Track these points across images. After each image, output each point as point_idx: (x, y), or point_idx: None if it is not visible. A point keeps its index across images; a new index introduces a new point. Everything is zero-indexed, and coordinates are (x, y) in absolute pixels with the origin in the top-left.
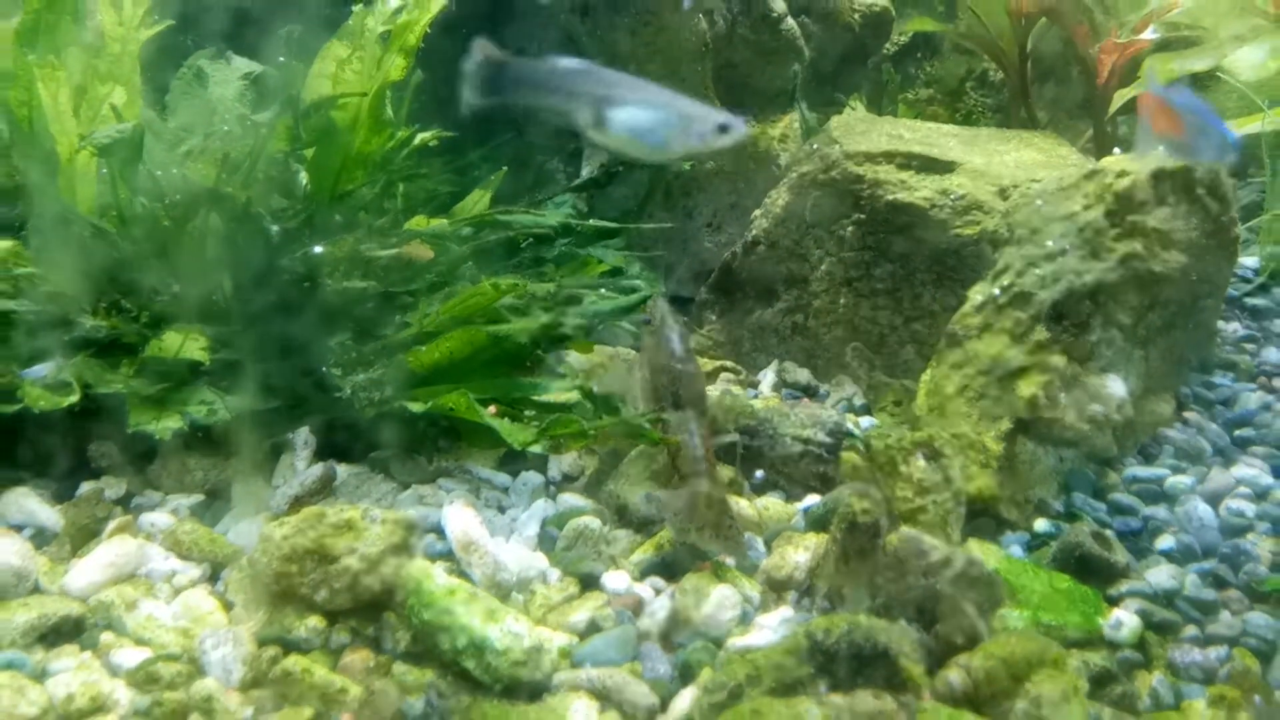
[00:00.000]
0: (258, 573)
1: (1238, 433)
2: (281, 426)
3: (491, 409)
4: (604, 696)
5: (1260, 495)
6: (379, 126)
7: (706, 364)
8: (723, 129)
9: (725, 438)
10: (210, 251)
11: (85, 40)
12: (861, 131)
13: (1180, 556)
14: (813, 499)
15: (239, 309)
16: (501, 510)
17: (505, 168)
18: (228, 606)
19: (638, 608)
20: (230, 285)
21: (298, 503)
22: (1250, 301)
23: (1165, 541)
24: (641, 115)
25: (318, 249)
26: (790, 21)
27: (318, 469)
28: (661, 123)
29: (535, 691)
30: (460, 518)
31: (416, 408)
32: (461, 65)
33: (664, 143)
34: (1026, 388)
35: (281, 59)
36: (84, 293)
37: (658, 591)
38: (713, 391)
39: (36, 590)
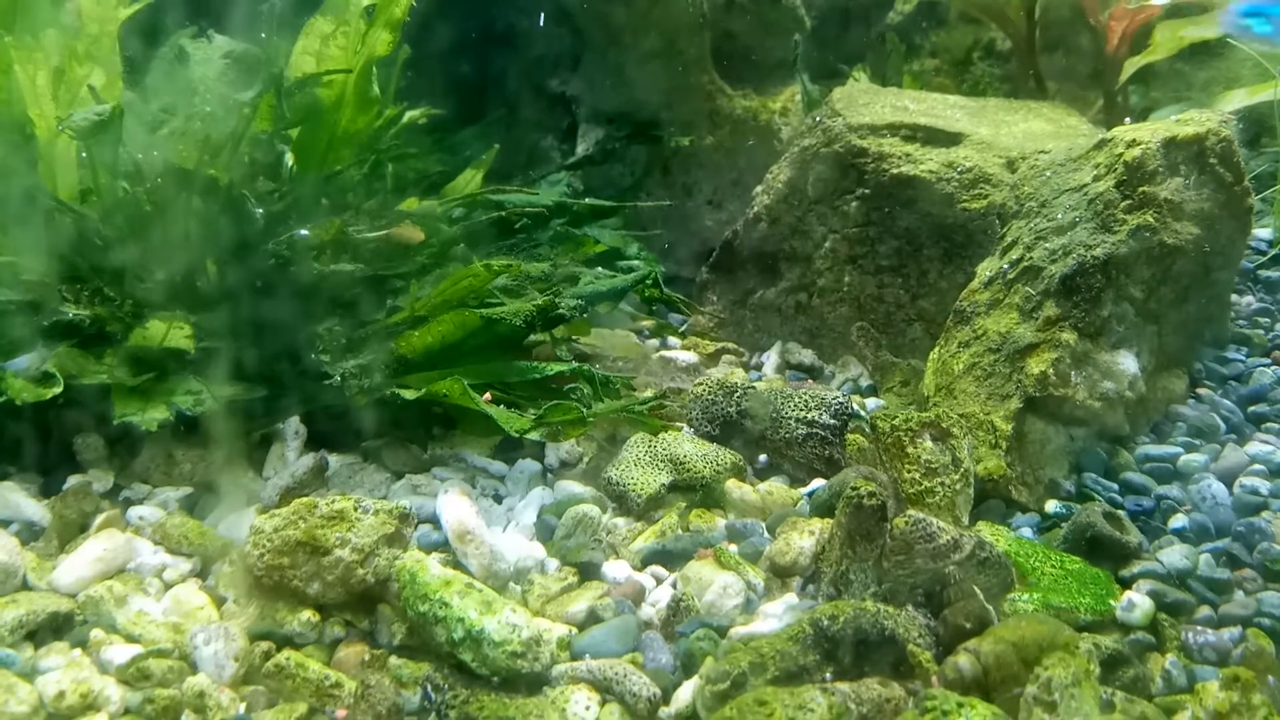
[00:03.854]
0: (249, 566)
1: (1252, 409)
2: (271, 416)
3: (486, 395)
4: (605, 688)
5: (1275, 472)
6: (366, 104)
7: (707, 345)
8: None
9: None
10: (193, 236)
11: (63, 21)
12: (865, 103)
13: (1194, 536)
14: (818, 483)
15: (224, 295)
16: (498, 499)
17: (498, 145)
18: (219, 601)
19: (638, 597)
20: (214, 271)
21: (289, 494)
22: (1264, 274)
23: (1178, 521)
24: None
25: (304, 232)
26: None
27: (309, 459)
28: None
29: (534, 683)
30: (455, 507)
31: (409, 394)
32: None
33: None
34: (1036, 365)
35: (264, 35)
36: (65, 281)
37: (659, 580)
38: (714, 373)
39: (24, 586)
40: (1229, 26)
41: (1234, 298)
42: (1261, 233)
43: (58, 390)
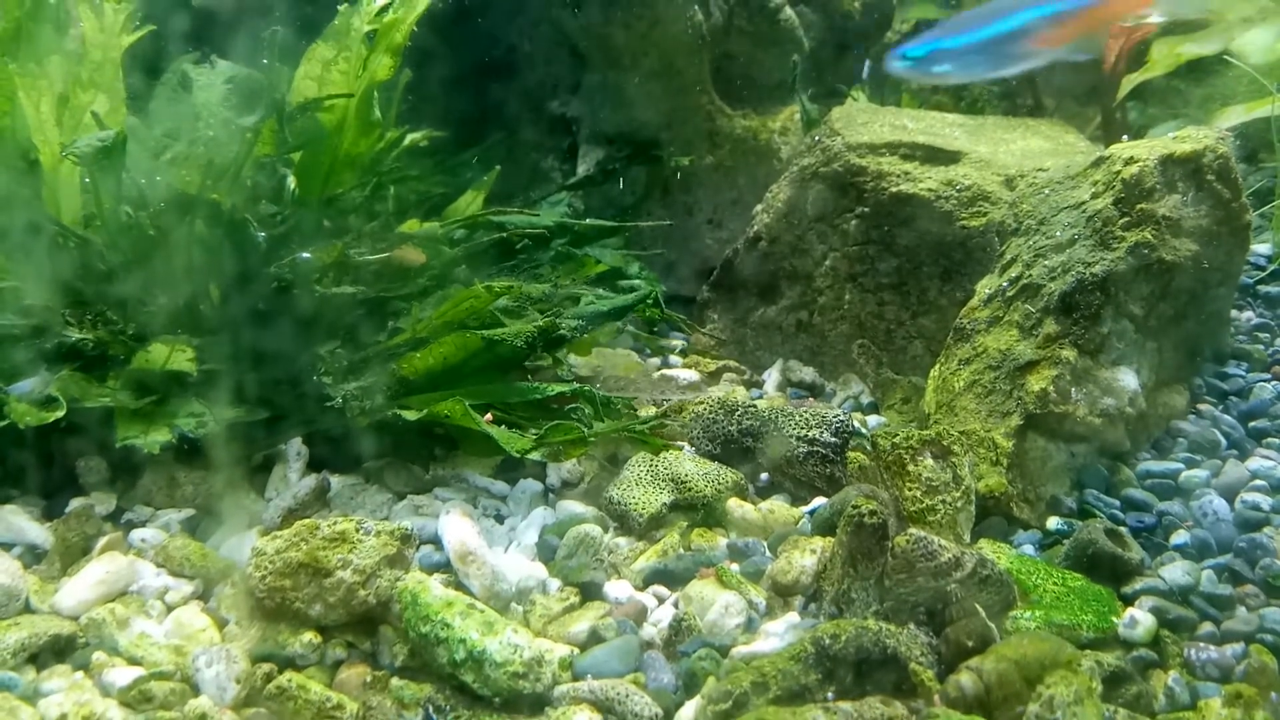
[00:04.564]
0: (251, 588)
1: (1252, 424)
2: (273, 438)
3: (487, 416)
4: (606, 708)
5: (1276, 488)
6: (367, 128)
7: (709, 364)
8: None
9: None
10: (196, 260)
11: (67, 48)
12: (863, 122)
13: (1195, 552)
14: (819, 501)
15: (226, 318)
16: (499, 519)
17: (498, 167)
18: (221, 623)
19: (640, 616)
20: (217, 294)
21: (291, 515)
22: (1263, 289)
23: (1180, 537)
24: None
25: (306, 255)
26: (789, 11)
27: (311, 480)
28: None
29: (536, 704)
30: (457, 528)
31: (410, 416)
32: None
33: None
34: (1037, 382)
35: (265, 61)
36: (68, 305)
37: (661, 600)
38: (715, 392)
39: (27, 609)
40: (892, 70)
41: (1233, 313)
42: (1260, 248)
43: (60, 414)
